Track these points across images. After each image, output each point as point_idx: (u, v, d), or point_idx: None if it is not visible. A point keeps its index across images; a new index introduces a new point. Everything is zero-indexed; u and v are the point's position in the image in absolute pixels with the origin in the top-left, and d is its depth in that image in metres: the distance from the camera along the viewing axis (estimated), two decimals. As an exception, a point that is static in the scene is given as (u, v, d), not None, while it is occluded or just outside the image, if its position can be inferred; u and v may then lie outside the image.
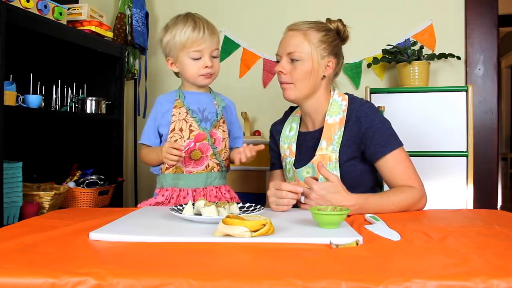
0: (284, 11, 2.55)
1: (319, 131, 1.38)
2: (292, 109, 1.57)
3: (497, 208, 2.57)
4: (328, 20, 1.42)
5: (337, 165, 1.32)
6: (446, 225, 1.01)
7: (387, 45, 2.32)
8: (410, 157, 2.10)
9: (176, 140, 1.37)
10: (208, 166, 1.39)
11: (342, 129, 1.33)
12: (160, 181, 1.42)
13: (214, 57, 1.38)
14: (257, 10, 2.60)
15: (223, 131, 1.43)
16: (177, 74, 1.45)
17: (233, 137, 1.50)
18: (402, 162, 1.30)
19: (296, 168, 1.39)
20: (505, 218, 1.12)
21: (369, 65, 2.34)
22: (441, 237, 0.88)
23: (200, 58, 1.35)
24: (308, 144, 1.41)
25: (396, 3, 2.42)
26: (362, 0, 2.44)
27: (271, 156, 1.57)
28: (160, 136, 1.42)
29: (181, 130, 1.37)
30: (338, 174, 1.31)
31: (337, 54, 1.40)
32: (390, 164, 1.30)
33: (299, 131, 1.47)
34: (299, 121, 1.48)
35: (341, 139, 1.33)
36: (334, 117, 1.36)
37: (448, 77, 2.36)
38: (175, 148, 1.26)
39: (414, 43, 2.29)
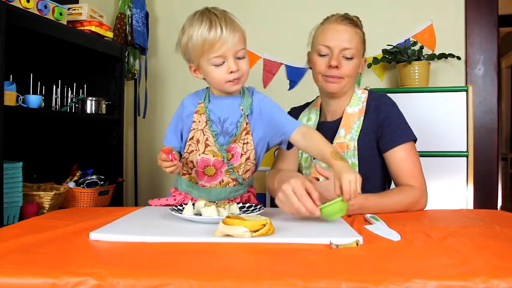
0: (284, 12, 2.56)
1: (338, 121, 1.40)
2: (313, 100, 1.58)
3: (497, 208, 2.57)
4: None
5: (356, 153, 1.33)
6: (446, 225, 1.01)
7: (387, 45, 2.32)
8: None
9: (192, 151, 1.27)
10: (223, 182, 1.27)
11: (362, 118, 1.36)
12: (177, 182, 1.36)
13: (240, 58, 1.18)
14: (257, 10, 2.60)
15: (245, 143, 1.24)
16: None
17: (285, 129, 1.21)
18: (410, 156, 1.31)
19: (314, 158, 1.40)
20: (505, 218, 1.12)
21: (369, 65, 2.34)
22: (441, 237, 0.88)
23: (224, 62, 1.16)
24: (325, 134, 1.40)
25: (396, 3, 2.42)
26: (362, 0, 2.44)
27: None
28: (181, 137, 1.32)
29: (197, 141, 1.25)
30: (356, 163, 1.32)
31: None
32: (398, 156, 1.31)
33: (318, 121, 1.48)
34: (318, 113, 1.50)
35: (360, 128, 1.35)
36: (353, 107, 1.39)
37: (448, 77, 2.36)
38: (165, 160, 1.15)
39: (414, 43, 2.29)
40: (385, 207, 1.20)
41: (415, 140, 1.36)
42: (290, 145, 1.25)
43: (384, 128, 1.33)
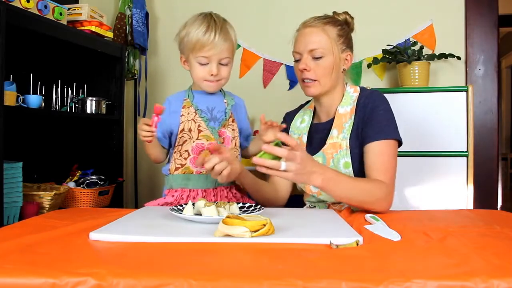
0: (284, 12, 2.56)
1: (331, 122, 1.39)
2: (308, 102, 1.57)
3: (497, 208, 2.57)
4: (335, 13, 1.43)
5: (348, 152, 1.32)
6: (446, 225, 1.01)
7: (387, 45, 2.32)
8: (411, 157, 2.09)
9: (185, 141, 1.37)
10: None
11: (353, 117, 1.34)
12: (169, 182, 1.39)
13: (223, 65, 1.34)
14: (257, 10, 2.60)
15: (233, 130, 1.42)
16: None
17: (244, 135, 1.50)
18: (386, 154, 1.27)
19: None
20: (505, 218, 1.12)
21: (369, 65, 2.34)
22: (441, 237, 0.88)
23: (208, 64, 1.33)
24: (319, 135, 1.41)
25: (396, 3, 2.42)
26: (362, 0, 2.44)
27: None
28: (170, 135, 1.40)
29: (190, 130, 1.36)
30: (350, 161, 1.31)
31: (352, 47, 1.42)
32: (375, 151, 1.27)
33: (311, 123, 1.47)
34: (311, 114, 1.49)
35: (351, 127, 1.33)
36: (345, 107, 1.37)
37: (448, 77, 2.36)
38: (146, 124, 1.23)
39: (414, 43, 2.29)
40: (354, 191, 1.17)
41: (398, 141, 1.31)
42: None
43: (367, 122, 1.30)
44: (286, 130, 1.52)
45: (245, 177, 1.34)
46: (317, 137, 1.42)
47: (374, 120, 1.29)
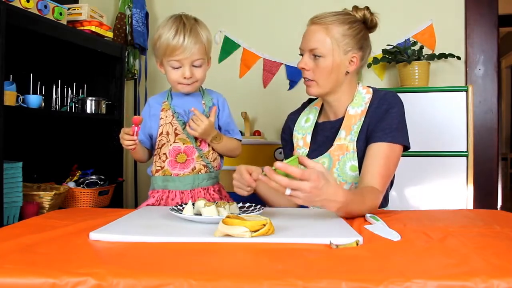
0: (284, 12, 2.56)
1: (340, 121, 1.35)
2: (310, 100, 1.54)
3: (497, 208, 2.57)
4: (355, 8, 1.37)
5: (355, 155, 1.28)
6: (446, 225, 1.01)
7: (387, 45, 2.32)
8: (411, 157, 2.08)
9: (163, 144, 1.40)
10: (195, 169, 1.40)
11: (363, 119, 1.30)
12: (152, 183, 1.44)
13: (196, 66, 1.34)
14: (257, 10, 2.60)
15: None
16: None
17: (223, 130, 1.48)
18: (388, 159, 1.24)
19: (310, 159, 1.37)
20: (505, 218, 1.12)
21: (369, 65, 2.34)
22: (441, 237, 0.88)
23: (180, 67, 1.32)
24: (326, 134, 1.38)
25: (396, 3, 2.42)
26: (361, 1, 2.44)
27: (284, 146, 1.53)
28: (151, 137, 1.45)
29: (167, 134, 1.40)
30: (356, 164, 1.28)
31: (363, 47, 1.36)
32: (378, 152, 1.24)
33: (317, 122, 1.44)
34: (317, 113, 1.45)
35: (359, 128, 1.30)
36: (356, 108, 1.33)
37: (448, 77, 2.36)
38: (127, 133, 1.27)
39: (414, 43, 2.29)
40: (362, 208, 1.10)
41: (405, 146, 1.28)
42: None
43: (379, 122, 1.27)
44: (290, 131, 1.50)
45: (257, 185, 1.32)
46: (324, 136, 1.39)
47: (385, 121, 1.26)
